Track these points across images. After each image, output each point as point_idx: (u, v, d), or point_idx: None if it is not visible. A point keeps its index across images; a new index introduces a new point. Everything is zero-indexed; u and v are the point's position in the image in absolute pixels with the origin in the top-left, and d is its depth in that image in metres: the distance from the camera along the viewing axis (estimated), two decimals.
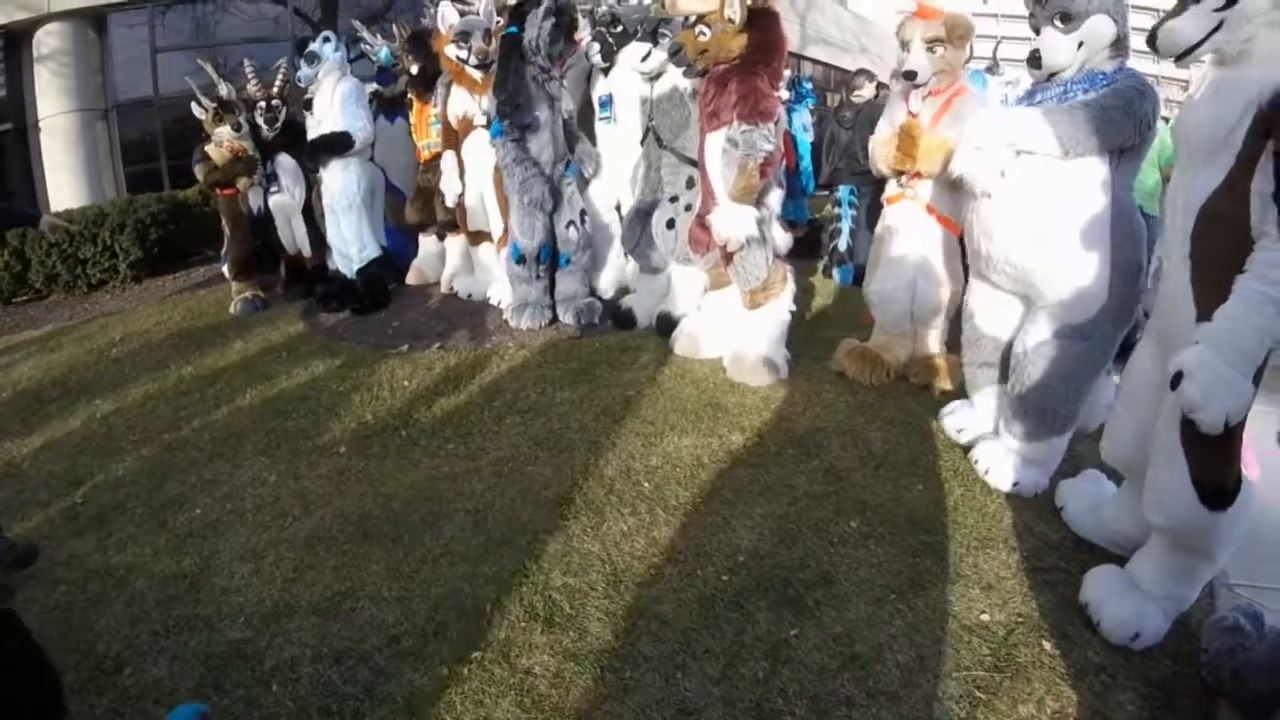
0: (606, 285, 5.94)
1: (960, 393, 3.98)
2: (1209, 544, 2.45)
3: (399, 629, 2.65)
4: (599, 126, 5.63)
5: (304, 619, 2.72)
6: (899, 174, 4.16)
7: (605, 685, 2.38)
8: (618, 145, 5.49)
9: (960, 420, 3.79)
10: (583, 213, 5.40)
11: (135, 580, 3.05)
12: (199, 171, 6.59)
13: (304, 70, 5.97)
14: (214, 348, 5.60)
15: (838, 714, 2.27)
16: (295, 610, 2.77)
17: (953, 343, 4.26)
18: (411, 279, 7.00)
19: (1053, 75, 3.13)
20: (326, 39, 6.01)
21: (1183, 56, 2.25)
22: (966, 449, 3.63)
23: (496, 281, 6.04)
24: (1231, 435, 2.26)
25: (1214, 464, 2.33)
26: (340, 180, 6.02)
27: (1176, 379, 2.13)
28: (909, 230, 4.21)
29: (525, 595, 2.77)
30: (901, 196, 4.24)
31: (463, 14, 5.68)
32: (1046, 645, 2.52)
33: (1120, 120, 2.93)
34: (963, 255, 3.82)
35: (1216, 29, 2.18)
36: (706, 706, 2.29)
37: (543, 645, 2.54)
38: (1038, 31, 3.10)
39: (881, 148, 4.16)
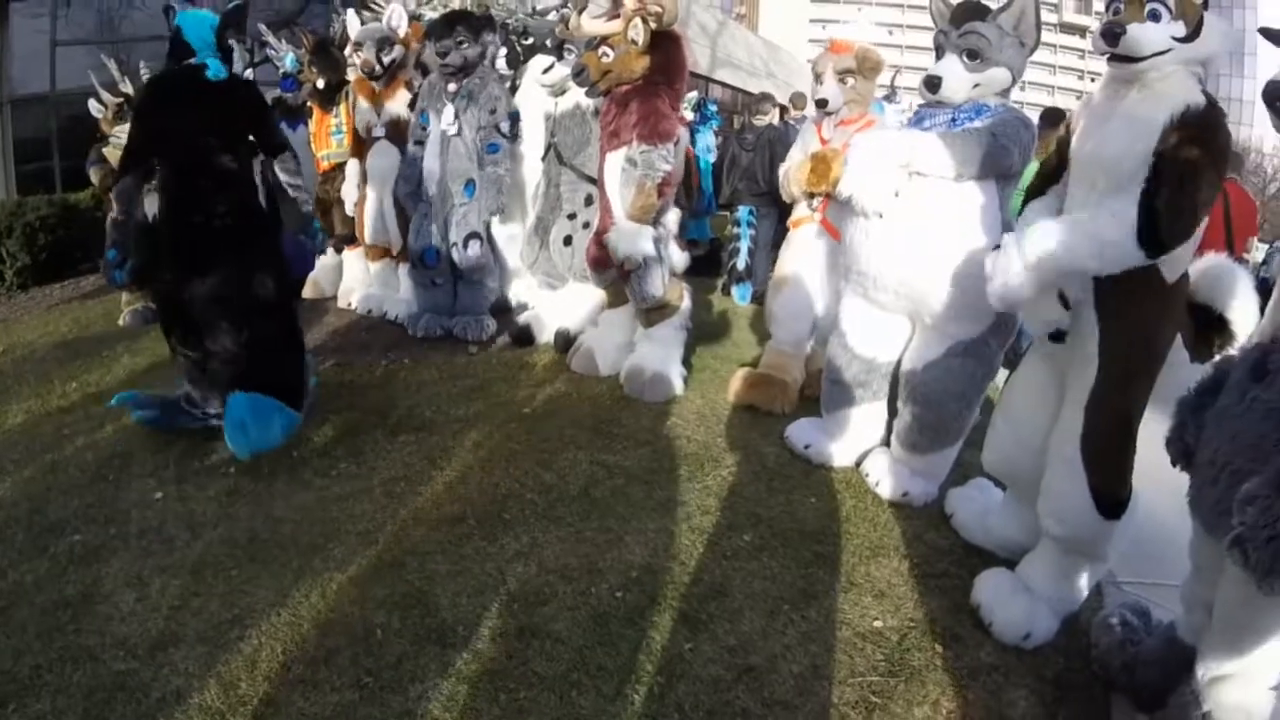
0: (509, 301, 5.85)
1: None
2: (1101, 548, 2.61)
3: (289, 656, 2.53)
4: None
5: (191, 648, 2.58)
6: (811, 196, 4.21)
7: (500, 707, 2.32)
8: (522, 162, 5.44)
9: (807, 436, 3.83)
10: (470, 236, 5.21)
11: (16, 611, 2.83)
12: (94, 174, 6.21)
13: None
14: (101, 362, 5.29)
15: None
16: (182, 639, 2.62)
17: None
18: (308, 292, 6.72)
19: (938, 102, 3.18)
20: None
21: (1131, 61, 2.32)
22: (818, 466, 3.71)
23: (394, 297, 5.91)
24: (1127, 449, 2.47)
25: (1112, 476, 2.49)
26: None
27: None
28: (814, 251, 4.26)
29: (416, 617, 2.69)
30: (810, 219, 4.30)
31: (365, 22, 5.59)
32: (940, 648, 2.57)
33: (1008, 147, 3.04)
34: None
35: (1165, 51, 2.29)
36: None
37: (435, 668, 2.46)
38: (940, 52, 3.13)
39: (795, 172, 4.18)
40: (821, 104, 4.16)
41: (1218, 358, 2.28)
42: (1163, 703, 2.23)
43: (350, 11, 5.56)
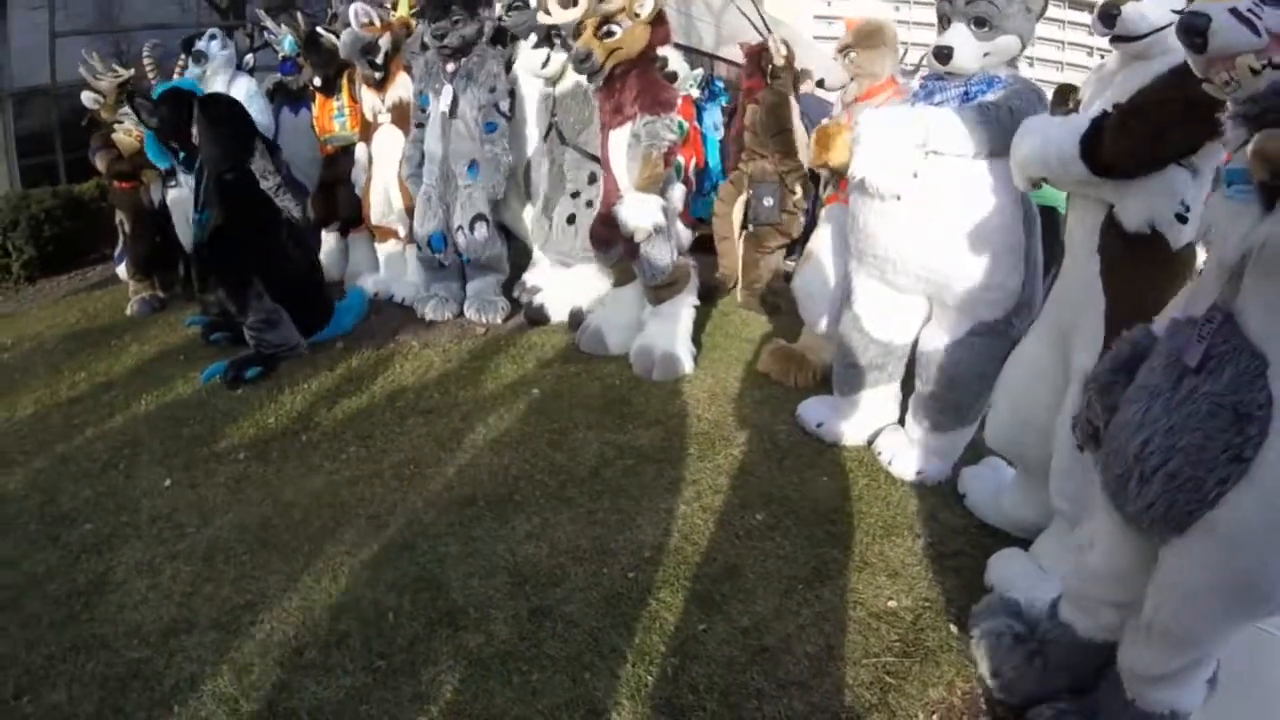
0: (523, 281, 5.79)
1: None
2: None
3: (301, 640, 2.54)
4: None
5: (203, 634, 2.60)
6: (827, 170, 4.14)
7: (512, 689, 2.32)
8: (515, 140, 5.33)
9: (819, 414, 3.79)
10: (477, 217, 5.15)
11: (29, 601, 2.84)
12: (101, 161, 6.01)
13: (192, 69, 5.71)
14: (109, 351, 5.29)
15: (749, 706, 2.25)
16: (194, 625, 2.64)
17: None
18: None
19: (949, 73, 3.07)
20: (214, 36, 5.76)
21: (1131, 40, 2.33)
22: (830, 444, 3.68)
23: (400, 279, 5.90)
24: None
25: None
26: None
27: None
28: (838, 230, 4.13)
29: (428, 600, 2.69)
30: (836, 198, 4.18)
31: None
32: (954, 629, 2.55)
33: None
34: None
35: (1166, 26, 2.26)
36: (616, 705, 2.25)
37: (448, 651, 2.46)
38: (947, 22, 3.01)
39: (811, 146, 4.15)
40: (820, 84, 4.33)
41: (1130, 331, 2.03)
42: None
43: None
